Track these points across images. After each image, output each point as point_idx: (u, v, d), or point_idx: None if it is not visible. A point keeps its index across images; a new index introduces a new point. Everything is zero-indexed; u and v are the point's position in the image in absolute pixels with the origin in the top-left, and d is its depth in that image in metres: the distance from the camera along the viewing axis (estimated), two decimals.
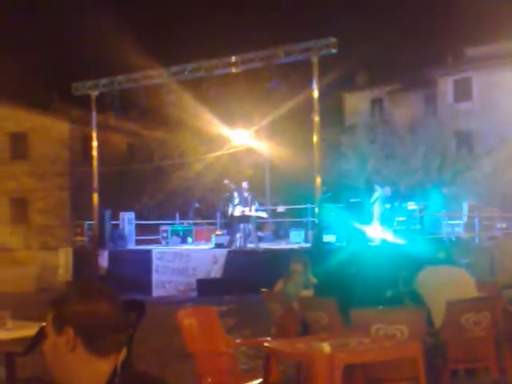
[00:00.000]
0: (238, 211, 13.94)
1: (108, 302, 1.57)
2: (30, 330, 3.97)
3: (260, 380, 4.08)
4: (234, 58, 15.13)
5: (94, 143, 17.33)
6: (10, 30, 27.69)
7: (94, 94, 16.94)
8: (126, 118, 26.73)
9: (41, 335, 1.60)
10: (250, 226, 14.33)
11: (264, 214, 15.34)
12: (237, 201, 14.58)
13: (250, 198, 14.01)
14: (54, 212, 24.96)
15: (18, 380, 4.27)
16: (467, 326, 4.47)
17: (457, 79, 25.96)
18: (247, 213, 13.89)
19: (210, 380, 4.08)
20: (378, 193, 15.19)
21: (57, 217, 24.83)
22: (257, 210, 14.36)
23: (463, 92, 25.75)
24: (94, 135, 17.35)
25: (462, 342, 4.46)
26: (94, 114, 17.29)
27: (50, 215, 24.94)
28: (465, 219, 15.32)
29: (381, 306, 4.53)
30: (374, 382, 4.19)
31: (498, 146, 22.32)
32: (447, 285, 4.79)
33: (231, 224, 14.92)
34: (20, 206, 25.12)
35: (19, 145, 25.33)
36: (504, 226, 16.00)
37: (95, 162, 17.23)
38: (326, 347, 3.43)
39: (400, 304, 4.76)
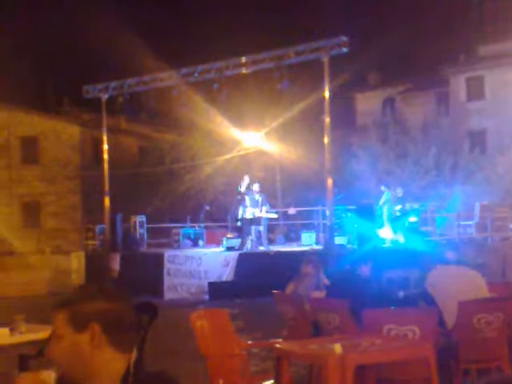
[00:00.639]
0: (248, 213, 13.96)
1: (123, 301, 1.62)
2: (43, 333, 4.01)
3: (271, 381, 4.08)
4: (244, 59, 15.14)
5: (105, 146, 17.40)
6: (18, 34, 27.95)
7: (105, 97, 17.01)
8: (137, 121, 26.90)
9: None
10: (261, 229, 14.35)
11: (274, 215, 15.35)
12: (248, 203, 14.62)
13: (260, 200, 14.05)
14: (66, 216, 25.12)
15: None
16: (479, 326, 4.44)
17: (469, 78, 25.78)
18: (257, 214, 13.91)
19: (221, 381, 4.09)
20: (386, 195, 15.13)
21: (69, 220, 24.99)
22: (268, 212, 14.38)
23: (475, 91, 25.58)
24: (105, 138, 17.41)
25: (474, 343, 4.44)
26: (105, 117, 17.35)
27: (62, 219, 25.10)
28: (477, 220, 15.19)
29: (392, 307, 4.52)
30: (385, 383, 4.17)
31: (511, 145, 22.14)
32: (458, 285, 4.77)
33: (242, 227, 14.94)
34: (32, 210, 25.30)
35: (30, 149, 25.48)
36: None
37: (106, 166, 17.30)
38: (338, 348, 3.43)
39: (412, 305, 4.74)
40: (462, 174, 21.54)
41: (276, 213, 15.97)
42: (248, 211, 13.98)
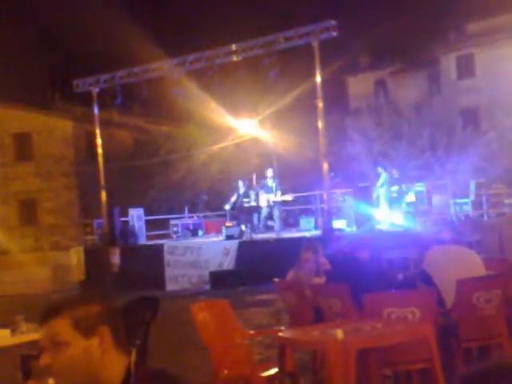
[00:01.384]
0: (263, 199, 14.14)
1: (113, 303, 1.60)
2: None
3: (276, 369, 4.12)
4: (234, 47, 15.08)
5: (99, 140, 17.31)
6: (7, 31, 27.69)
7: (95, 90, 16.89)
8: (130, 113, 26.78)
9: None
10: (276, 213, 14.58)
11: (289, 197, 15.54)
12: (242, 190, 14.77)
13: (274, 185, 14.29)
14: (63, 212, 25.08)
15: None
16: (478, 304, 4.49)
17: (459, 56, 25.76)
18: (273, 199, 14.14)
19: (226, 372, 4.13)
20: (384, 177, 15.22)
21: (66, 216, 24.95)
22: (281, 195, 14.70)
23: (466, 69, 25.56)
24: (98, 132, 17.31)
25: (474, 321, 4.49)
26: (97, 110, 17.25)
27: (59, 215, 25.06)
28: (472, 197, 15.27)
29: (392, 290, 4.55)
30: (388, 365, 4.22)
31: (503, 120, 22.18)
32: (455, 264, 4.80)
33: (240, 215, 15.02)
34: (29, 208, 25.24)
35: (23, 146, 25.34)
36: None
37: (101, 160, 17.23)
38: (339, 333, 3.46)
39: (411, 286, 4.78)
40: (456, 153, 21.58)
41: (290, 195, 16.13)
42: (262, 197, 14.16)
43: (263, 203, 14.26)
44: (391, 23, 26.22)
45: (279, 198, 14.51)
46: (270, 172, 14.61)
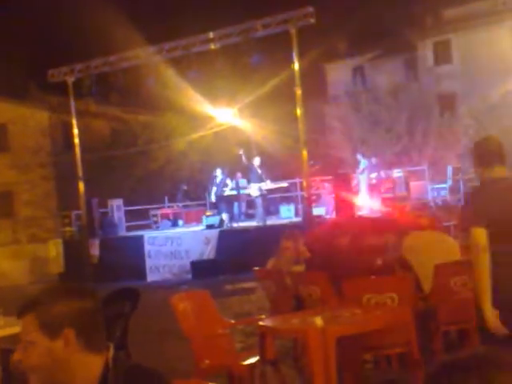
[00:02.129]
0: (254, 188, 14.04)
1: (91, 298, 1.56)
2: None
3: (257, 358, 4.13)
4: (211, 34, 14.95)
5: (75, 130, 17.10)
6: None
7: (71, 80, 16.65)
8: (107, 103, 26.41)
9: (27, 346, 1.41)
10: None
11: (284, 184, 15.54)
12: (218, 179, 14.75)
13: (263, 174, 14.26)
14: (41, 203, 24.74)
15: (13, 376, 4.29)
16: (456, 288, 4.55)
17: (436, 42, 25.92)
18: (264, 187, 14.12)
19: (207, 362, 4.13)
20: (363, 163, 15.34)
21: (43, 208, 24.63)
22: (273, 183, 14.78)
23: (443, 54, 25.75)
24: (74, 122, 17.10)
25: (452, 305, 4.55)
26: (73, 100, 17.01)
27: (37, 207, 24.72)
28: (449, 182, 15.45)
29: (371, 276, 4.59)
30: (368, 350, 4.26)
31: (480, 106, 22.43)
32: (433, 249, 4.86)
33: (221, 204, 15.00)
34: (5, 200, 24.81)
35: None
36: None
37: (78, 150, 17.02)
38: (319, 321, 3.48)
39: (389, 272, 4.83)
40: (433, 138, 21.80)
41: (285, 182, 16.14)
42: (253, 186, 14.10)
43: (255, 193, 14.15)
44: (369, 9, 26.22)
45: (274, 185, 14.46)
46: (257, 161, 14.47)
